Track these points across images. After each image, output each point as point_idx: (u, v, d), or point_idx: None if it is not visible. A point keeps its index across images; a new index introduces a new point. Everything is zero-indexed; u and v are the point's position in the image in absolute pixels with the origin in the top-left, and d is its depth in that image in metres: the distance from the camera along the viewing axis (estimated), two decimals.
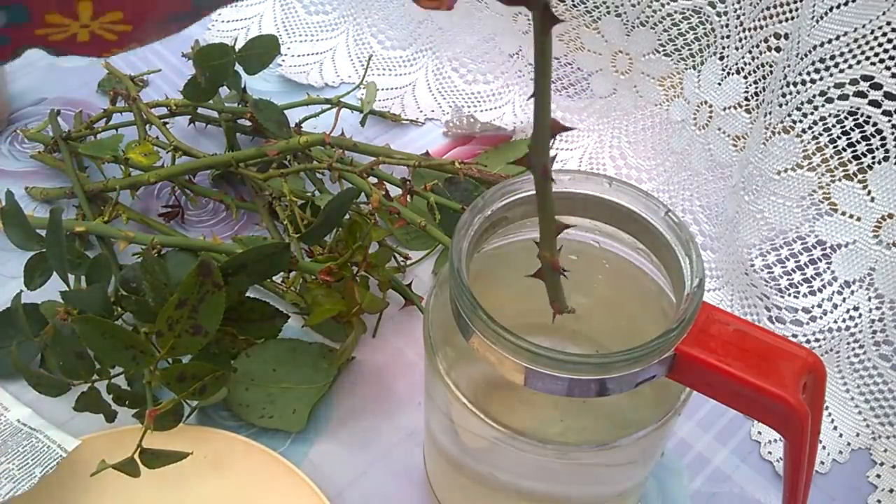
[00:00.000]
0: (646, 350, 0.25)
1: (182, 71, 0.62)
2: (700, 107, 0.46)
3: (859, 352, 0.42)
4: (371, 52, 0.63)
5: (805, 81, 0.37)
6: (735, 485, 0.41)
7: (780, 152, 0.39)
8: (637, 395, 0.28)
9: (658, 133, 0.51)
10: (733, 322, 0.27)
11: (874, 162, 0.38)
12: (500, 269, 0.32)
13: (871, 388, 0.42)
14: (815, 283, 0.41)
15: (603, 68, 0.52)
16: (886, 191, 0.38)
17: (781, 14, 0.40)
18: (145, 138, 0.50)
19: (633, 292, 0.32)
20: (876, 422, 0.42)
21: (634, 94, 0.51)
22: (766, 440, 0.42)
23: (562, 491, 0.32)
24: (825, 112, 0.37)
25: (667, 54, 0.48)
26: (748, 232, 0.43)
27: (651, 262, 0.30)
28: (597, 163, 0.54)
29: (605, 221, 0.31)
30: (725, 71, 0.44)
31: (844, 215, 0.40)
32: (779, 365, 0.26)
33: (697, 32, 0.45)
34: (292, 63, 0.63)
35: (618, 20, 0.48)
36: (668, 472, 0.41)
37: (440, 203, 0.46)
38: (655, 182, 0.51)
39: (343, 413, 0.43)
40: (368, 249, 0.41)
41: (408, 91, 0.61)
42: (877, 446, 0.42)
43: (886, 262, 0.39)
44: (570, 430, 0.30)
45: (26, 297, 0.41)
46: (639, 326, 0.32)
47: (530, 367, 0.25)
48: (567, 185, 0.30)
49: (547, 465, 0.29)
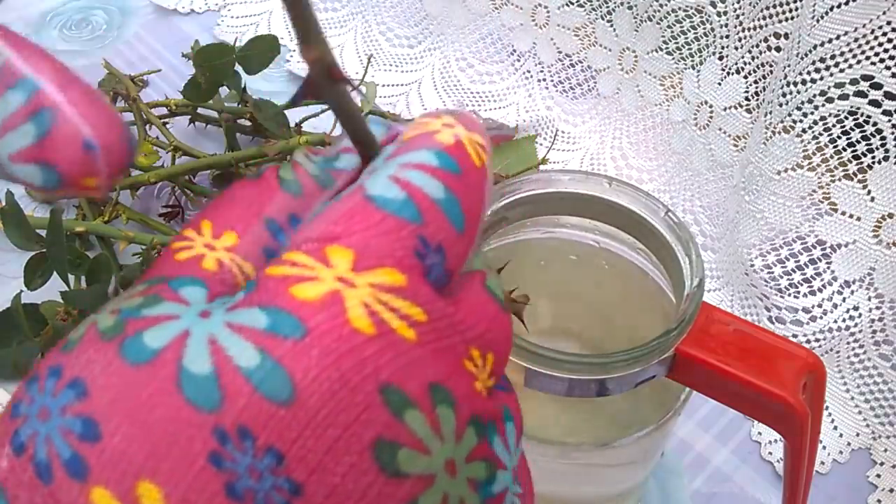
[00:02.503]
0: (646, 350, 0.25)
1: (182, 71, 0.62)
2: (700, 107, 0.46)
3: (859, 352, 0.42)
4: (379, 49, 0.63)
5: (805, 81, 0.37)
6: (735, 485, 0.41)
7: (781, 152, 0.39)
8: (637, 395, 0.28)
9: (659, 133, 0.51)
10: (733, 322, 0.27)
11: (874, 162, 0.38)
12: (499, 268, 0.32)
13: (871, 388, 0.42)
14: (815, 283, 0.41)
15: (610, 66, 0.52)
16: (886, 190, 0.38)
17: (781, 14, 0.40)
18: (145, 138, 0.50)
19: (633, 292, 0.32)
20: (876, 421, 0.42)
21: (637, 94, 0.51)
22: (766, 440, 0.42)
23: (562, 491, 0.32)
24: (825, 112, 0.37)
25: (669, 52, 0.48)
26: (748, 232, 0.43)
27: (651, 262, 0.30)
28: (598, 163, 0.54)
29: (605, 221, 0.31)
30: (725, 71, 0.44)
31: (844, 215, 0.40)
32: (779, 365, 0.26)
33: (698, 32, 0.45)
34: (300, 59, 0.63)
35: (629, 13, 0.48)
36: (668, 472, 0.41)
37: None
38: (656, 182, 0.51)
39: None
40: None
41: (413, 89, 0.61)
42: (877, 446, 0.42)
43: (886, 262, 0.39)
44: (570, 430, 0.30)
45: (26, 297, 0.41)
46: (639, 326, 0.32)
47: (530, 367, 0.25)
48: (567, 185, 0.30)
49: (547, 465, 0.29)
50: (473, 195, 0.17)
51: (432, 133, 0.17)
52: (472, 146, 0.17)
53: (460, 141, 0.17)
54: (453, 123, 0.17)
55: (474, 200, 0.17)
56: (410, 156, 0.16)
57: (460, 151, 0.17)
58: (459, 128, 0.17)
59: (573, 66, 0.54)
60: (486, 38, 0.58)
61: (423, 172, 0.16)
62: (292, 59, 0.63)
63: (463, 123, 0.17)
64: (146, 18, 0.68)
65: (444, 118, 0.17)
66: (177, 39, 0.65)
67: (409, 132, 0.17)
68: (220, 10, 0.67)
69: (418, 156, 0.16)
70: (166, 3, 0.68)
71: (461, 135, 0.17)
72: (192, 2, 0.68)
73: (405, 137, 0.17)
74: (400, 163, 0.16)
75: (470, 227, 0.17)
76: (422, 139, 0.17)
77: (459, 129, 0.17)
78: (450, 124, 0.17)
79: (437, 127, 0.17)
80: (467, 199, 0.16)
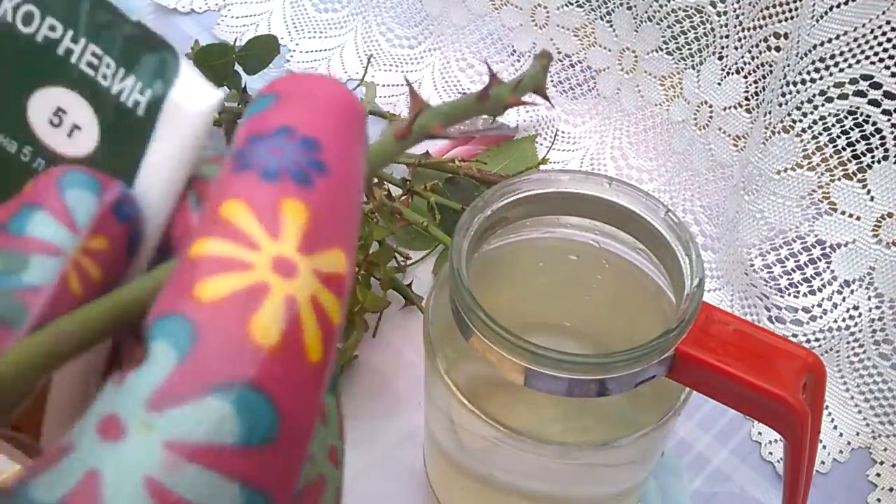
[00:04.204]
0: (646, 350, 0.25)
1: None
2: (700, 107, 0.46)
3: (859, 351, 0.42)
4: (379, 49, 0.63)
5: (805, 81, 0.37)
6: (735, 485, 0.41)
7: (780, 152, 0.39)
8: (637, 395, 0.28)
9: (659, 133, 0.51)
10: (733, 322, 0.27)
11: (874, 161, 0.38)
12: (500, 269, 0.32)
13: (871, 388, 0.42)
14: (815, 282, 0.41)
15: (610, 66, 0.52)
16: (886, 190, 0.38)
17: (781, 13, 0.40)
18: None
19: (633, 292, 0.32)
20: (876, 421, 0.42)
21: (637, 94, 0.51)
22: (766, 440, 0.42)
23: (562, 491, 0.32)
24: (825, 111, 0.37)
25: (669, 52, 0.48)
26: (748, 232, 0.43)
27: (651, 262, 0.30)
28: (598, 163, 0.54)
29: (605, 221, 0.31)
30: (725, 71, 0.44)
31: (844, 215, 0.40)
32: (779, 365, 0.26)
33: (698, 32, 0.45)
34: (300, 59, 0.63)
35: (629, 13, 0.48)
36: (668, 472, 0.41)
37: (440, 203, 0.46)
38: (657, 182, 0.51)
39: (343, 413, 0.43)
40: (370, 249, 0.42)
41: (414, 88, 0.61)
42: (877, 445, 0.42)
43: (886, 262, 0.39)
44: (570, 430, 0.30)
45: None
46: (639, 326, 0.32)
47: (530, 367, 0.25)
48: (567, 185, 0.30)
49: (547, 465, 0.29)
50: None
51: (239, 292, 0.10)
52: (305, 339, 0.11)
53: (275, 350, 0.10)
54: (291, 260, 0.11)
55: None
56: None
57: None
58: (299, 278, 0.11)
59: (573, 66, 0.54)
60: (486, 39, 0.58)
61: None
62: (292, 59, 0.63)
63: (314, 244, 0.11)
64: (146, 18, 0.68)
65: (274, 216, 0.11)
66: (177, 39, 0.65)
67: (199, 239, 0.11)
68: (220, 10, 0.67)
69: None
70: (166, 3, 0.68)
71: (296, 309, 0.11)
72: (192, 2, 0.68)
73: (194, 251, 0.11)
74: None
75: None
76: (180, 300, 0.10)
77: (299, 281, 0.11)
78: (284, 260, 0.11)
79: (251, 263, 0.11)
80: None
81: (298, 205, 0.11)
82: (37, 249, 0.12)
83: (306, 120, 0.12)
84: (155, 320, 0.10)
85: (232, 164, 0.11)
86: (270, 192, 0.11)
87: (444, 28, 0.60)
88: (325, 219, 0.11)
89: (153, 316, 0.10)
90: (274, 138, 0.11)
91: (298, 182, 0.11)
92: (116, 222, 0.12)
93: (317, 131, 0.12)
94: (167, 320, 0.10)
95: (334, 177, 0.12)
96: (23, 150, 0.13)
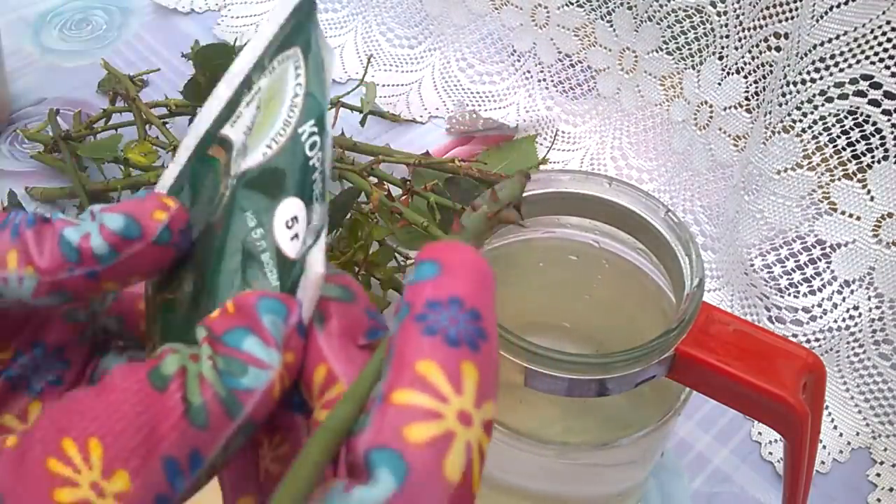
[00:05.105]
0: (646, 350, 0.25)
1: (182, 71, 0.62)
2: (700, 107, 0.46)
3: (859, 351, 0.42)
4: (379, 49, 0.63)
5: (805, 81, 0.37)
6: (735, 485, 0.41)
7: (780, 152, 0.39)
8: (637, 395, 0.28)
9: (659, 133, 0.51)
10: (733, 322, 0.27)
11: (874, 161, 0.38)
12: (499, 269, 0.32)
13: (871, 388, 0.42)
14: (815, 282, 0.41)
15: (610, 66, 0.52)
16: (886, 190, 0.38)
17: (781, 14, 0.40)
18: (145, 138, 0.50)
19: (633, 292, 0.32)
20: (876, 421, 0.42)
21: (637, 94, 0.51)
22: (766, 440, 0.42)
23: (562, 491, 0.32)
24: (825, 111, 0.37)
25: (669, 52, 0.48)
26: (748, 232, 0.43)
27: (651, 262, 0.30)
28: (598, 163, 0.54)
29: (605, 221, 0.31)
30: (725, 71, 0.44)
31: (844, 215, 0.40)
32: (779, 365, 0.26)
33: (698, 32, 0.45)
34: None
35: (629, 13, 0.48)
36: (668, 472, 0.41)
37: (440, 203, 0.46)
38: (657, 182, 0.51)
39: None
40: (369, 249, 0.41)
41: (413, 89, 0.61)
42: (877, 445, 0.42)
43: (886, 262, 0.39)
44: (570, 430, 0.30)
45: None
46: (639, 326, 0.32)
47: (530, 367, 0.25)
48: (567, 185, 0.30)
49: (547, 465, 0.29)
50: None
51: (404, 419, 0.14)
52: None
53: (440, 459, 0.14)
54: (447, 398, 0.15)
55: None
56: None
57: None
58: (457, 402, 0.15)
59: (573, 66, 0.54)
60: (486, 38, 0.58)
61: None
62: None
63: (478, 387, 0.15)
64: (146, 18, 0.68)
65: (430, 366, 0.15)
66: (177, 39, 0.65)
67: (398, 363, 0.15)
68: (220, 10, 0.67)
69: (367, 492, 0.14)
70: (166, 3, 0.68)
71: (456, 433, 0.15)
72: (192, 2, 0.68)
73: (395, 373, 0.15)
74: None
75: None
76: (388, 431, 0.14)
77: (456, 406, 0.15)
78: (443, 398, 0.15)
79: (419, 404, 0.15)
80: None
81: (472, 367, 0.15)
82: (252, 363, 0.16)
83: (468, 292, 0.15)
84: (375, 450, 0.14)
85: (420, 327, 0.15)
86: (454, 356, 0.15)
87: (444, 28, 0.60)
88: (487, 376, 0.15)
89: (371, 446, 0.14)
90: (448, 309, 0.15)
91: (471, 348, 0.15)
92: (299, 339, 0.17)
93: (477, 302, 0.15)
94: (386, 453, 0.14)
95: (491, 341, 0.15)
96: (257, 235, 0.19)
